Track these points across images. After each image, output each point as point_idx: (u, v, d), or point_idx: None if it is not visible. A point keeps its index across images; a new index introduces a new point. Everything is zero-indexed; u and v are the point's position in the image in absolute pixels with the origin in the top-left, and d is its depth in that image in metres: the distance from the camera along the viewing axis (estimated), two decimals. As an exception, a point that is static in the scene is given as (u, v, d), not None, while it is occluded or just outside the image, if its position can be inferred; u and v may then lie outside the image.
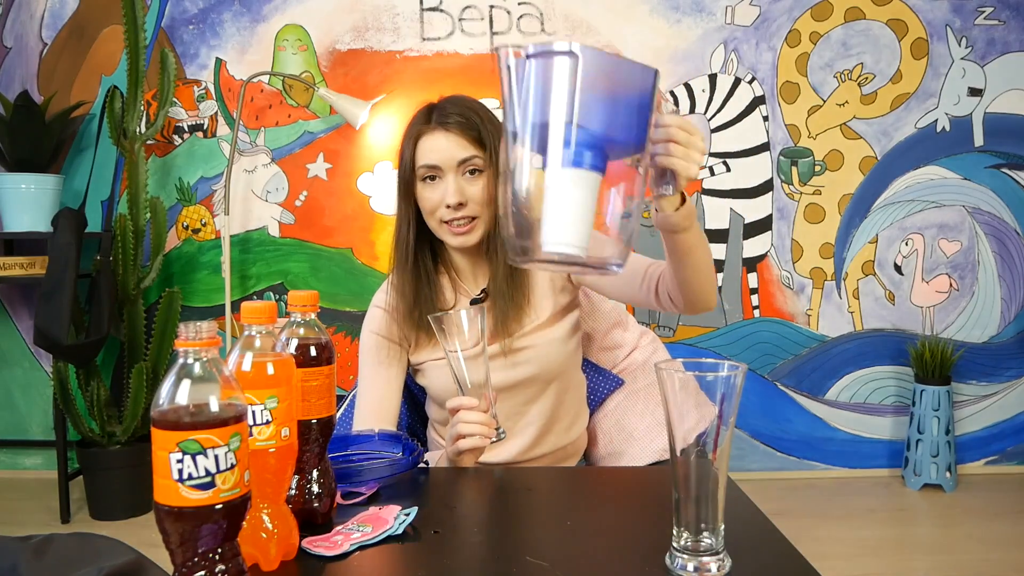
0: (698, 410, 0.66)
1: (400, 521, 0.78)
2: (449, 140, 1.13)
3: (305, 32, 2.68)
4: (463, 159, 1.13)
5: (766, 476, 2.77)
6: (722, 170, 2.71)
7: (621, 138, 0.78)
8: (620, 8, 2.66)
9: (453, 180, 1.12)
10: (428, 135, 1.15)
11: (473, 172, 1.14)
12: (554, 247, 0.76)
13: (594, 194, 0.77)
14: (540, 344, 1.18)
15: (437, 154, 1.13)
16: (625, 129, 0.78)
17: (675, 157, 0.88)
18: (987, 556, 2.12)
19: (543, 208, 0.77)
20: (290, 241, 2.73)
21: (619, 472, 1.15)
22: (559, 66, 0.74)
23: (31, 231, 2.48)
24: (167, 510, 0.56)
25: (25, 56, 2.70)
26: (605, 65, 0.76)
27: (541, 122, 0.76)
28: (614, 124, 0.76)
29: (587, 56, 0.74)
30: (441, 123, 1.14)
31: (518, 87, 0.77)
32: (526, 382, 1.19)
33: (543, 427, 1.22)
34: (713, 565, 0.66)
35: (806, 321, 2.76)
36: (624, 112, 0.77)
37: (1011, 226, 2.74)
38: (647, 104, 0.80)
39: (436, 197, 1.13)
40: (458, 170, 1.13)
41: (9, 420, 2.79)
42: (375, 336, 1.23)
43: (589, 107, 0.74)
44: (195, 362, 0.57)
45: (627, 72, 0.78)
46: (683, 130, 0.89)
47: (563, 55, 0.74)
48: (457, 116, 1.14)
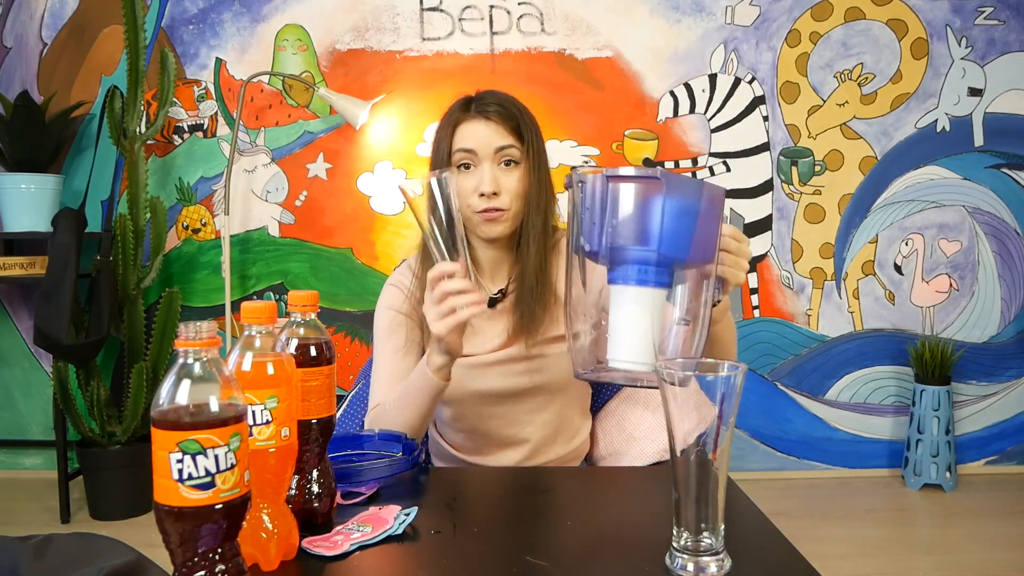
0: (698, 411, 0.66)
1: (400, 521, 0.78)
2: (488, 127, 1.12)
3: (305, 32, 2.68)
4: (500, 147, 1.12)
5: (766, 476, 2.77)
6: (722, 170, 2.71)
7: (692, 257, 0.81)
8: (620, 8, 2.66)
9: (489, 168, 1.12)
10: (467, 122, 1.14)
11: (509, 163, 1.13)
12: (621, 364, 0.80)
13: (659, 309, 0.81)
14: (553, 355, 1.17)
15: (475, 140, 1.12)
16: (696, 248, 0.81)
17: (726, 265, 0.92)
18: (987, 556, 2.12)
19: (610, 323, 0.81)
20: (290, 241, 2.73)
21: (619, 472, 1.15)
22: (641, 192, 0.78)
23: (31, 231, 2.48)
24: (167, 510, 0.56)
25: (25, 56, 2.70)
26: (684, 190, 0.79)
27: (614, 242, 0.79)
28: (687, 245, 0.80)
29: (669, 182, 0.77)
30: (480, 111, 1.13)
31: (592, 205, 0.80)
32: (534, 390, 1.18)
33: (547, 437, 1.21)
34: (713, 565, 0.66)
35: (806, 321, 2.76)
36: (697, 233, 0.81)
37: (1011, 226, 2.74)
38: (717, 224, 0.84)
39: (471, 185, 1.12)
40: (494, 158, 1.12)
41: (9, 420, 2.79)
42: (391, 312, 1.21)
43: (665, 229, 0.77)
44: (195, 362, 0.57)
45: (704, 197, 0.81)
46: (734, 239, 0.92)
47: (649, 180, 0.77)
48: (496, 106, 1.14)
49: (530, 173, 1.14)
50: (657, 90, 2.69)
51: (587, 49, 2.67)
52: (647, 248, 0.78)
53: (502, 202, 1.12)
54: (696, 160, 2.70)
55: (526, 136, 1.14)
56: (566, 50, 2.68)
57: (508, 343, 1.17)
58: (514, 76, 2.67)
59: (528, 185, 1.14)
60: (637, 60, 2.68)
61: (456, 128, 1.14)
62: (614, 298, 0.82)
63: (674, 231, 0.77)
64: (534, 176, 1.15)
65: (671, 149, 2.70)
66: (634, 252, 0.79)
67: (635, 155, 2.70)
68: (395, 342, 1.19)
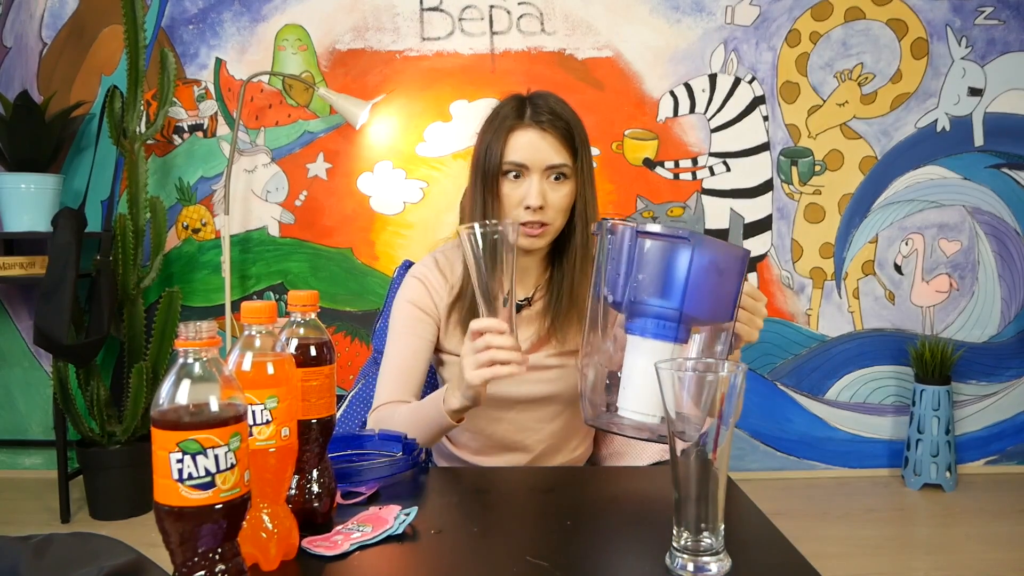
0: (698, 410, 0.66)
1: (400, 521, 0.78)
2: (544, 140, 1.10)
3: (305, 32, 2.68)
4: (553, 164, 1.10)
5: (766, 476, 2.77)
6: (722, 170, 2.71)
7: (712, 316, 0.83)
8: (620, 8, 2.66)
9: (537, 182, 1.09)
10: (521, 130, 1.10)
11: (559, 178, 1.11)
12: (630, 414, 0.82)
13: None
14: (571, 367, 1.17)
15: (529, 152, 1.09)
16: (716, 308, 0.83)
17: (741, 322, 0.93)
18: (987, 556, 2.12)
19: (624, 371, 0.83)
20: (290, 241, 2.73)
21: (619, 472, 1.15)
22: (669, 250, 0.80)
23: (31, 231, 2.48)
24: (167, 510, 0.56)
25: (25, 56, 2.70)
26: (710, 250, 0.81)
27: (636, 296, 0.81)
28: (708, 304, 0.81)
29: (697, 242, 0.79)
30: (536, 121, 1.10)
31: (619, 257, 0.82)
32: (547, 400, 1.18)
33: (553, 446, 1.21)
34: (713, 565, 0.66)
35: (806, 321, 2.76)
36: (719, 294, 0.82)
37: (1011, 226, 2.74)
38: (738, 286, 0.85)
39: (517, 196, 1.10)
40: (544, 173, 1.10)
41: (9, 420, 2.79)
42: (409, 305, 1.18)
43: (688, 288, 0.79)
44: (195, 362, 0.57)
45: (728, 259, 0.83)
46: (752, 297, 0.94)
47: (677, 239, 0.79)
48: (551, 116, 1.11)
49: (579, 189, 1.13)
50: (657, 90, 2.69)
51: (587, 49, 2.67)
52: (668, 304, 0.80)
53: (547, 216, 1.10)
54: (696, 160, 2.70)
55: (579, 152, 1.12)
56: (566, 50, 2.67)
57: (530, 351, 1.16)
58: (514, 76, 2.67)
59: (574, 201, 1.13)
60: (637, 60, 2.68)
61: (510, 135, 1.10)
62: (630, 347, 0.84)
63: (696, 290, 0.79)
64: (583, 192, 1.13)
65: (671, 149, 2.70)
66: (655, 307, 0.81)
67: (635, 155, 2.70)
68: (411, 340, 1.17)
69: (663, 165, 2.70)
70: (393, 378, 1.16)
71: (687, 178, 2.71)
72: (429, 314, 1.18)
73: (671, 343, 0.81)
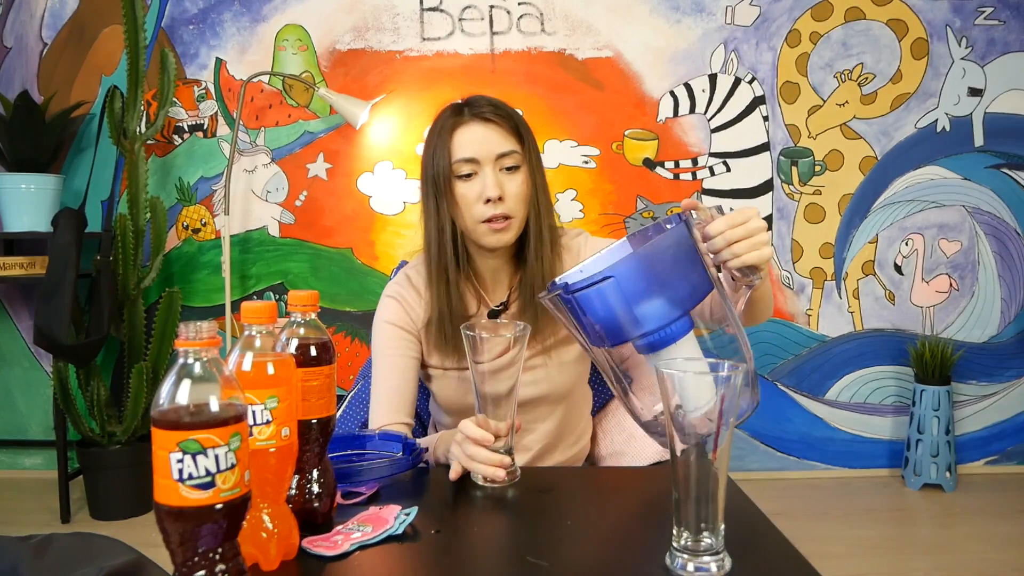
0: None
1: (400, 521, 0.78)
2: (488, 130, 1.09)
3: (305, 32, 2.68)
4: (503, 152, 1.09)
5: (766, 476, 2.77)
6: (722, 170, 2.71)
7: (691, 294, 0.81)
8: (620, 8, 2.66)
9: (491, 173, 1.08)
10: (464, 127, 1.10)
11: (511, 169, 1.10)
12: (694, 413, 0.81)
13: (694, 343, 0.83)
14: (552, 365, 1.16)
15: (476, 145, 1.08)
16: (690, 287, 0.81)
17: (745, 254, 0.87)
18: (987, 556, 2.12)
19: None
20: (290, 241, 2.73)
21: (619, 472, 1.15)
22: (599, 294, 0.78)
23: (31, 231, 2.48)
24: (167, 510, 0.56)
25: (25, 56, 2.70)
26: (642, 261, 0.79)
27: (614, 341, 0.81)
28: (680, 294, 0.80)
29: (621, 271, 0.77)
30: (477, 115, 1.10)
31: (581, 319, 0.81)
32: (535, 401, 1.18)
33: (549, 445, 1.21)
34: (713, 565, 0.66)
35: (806, 321, 2.76)
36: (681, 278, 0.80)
37: (1011, 226, 2.74)
38: (691, 254, 0.82)
39: (474, 193, 1.09)
40: (496, 164, 1.09)
41: (9, 420, 2.79)
42: (389, 326, 1.17)
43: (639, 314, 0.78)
44: (195, 362, 0.57)
45: (663, 248, 0.81)
46: (736, 225, 0.87)
47: (599, 282, 0.78)
48: (492, 108, 1.10)
49: (532, 176, 1.12)
50: (657, 90, 2.69)
51: (587, 49, 2.67)
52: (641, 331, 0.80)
53: (508, 208, 1.09)
54: (696, 160, 2.70)
55: (525, 138, 1.11)
56: (566, 50, 2.67)
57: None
58: (514, 76, 2.67)
59: (530, 188, 1.12)
60: (637, 60, 2.68)
61: (453, 135, 1.10)
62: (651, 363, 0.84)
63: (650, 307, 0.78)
64: (533, 179, 1.12)
65: (671, 149, 2.70)
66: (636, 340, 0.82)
67: (635, 155, 2.70)
68: (397, 360, 1.16)
69: (663, 165, 2.70)
70: (385, 401, 1.14)
71: (687, 178, 2.71)
72: (410, 332, 1.17)
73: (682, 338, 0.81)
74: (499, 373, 0.93)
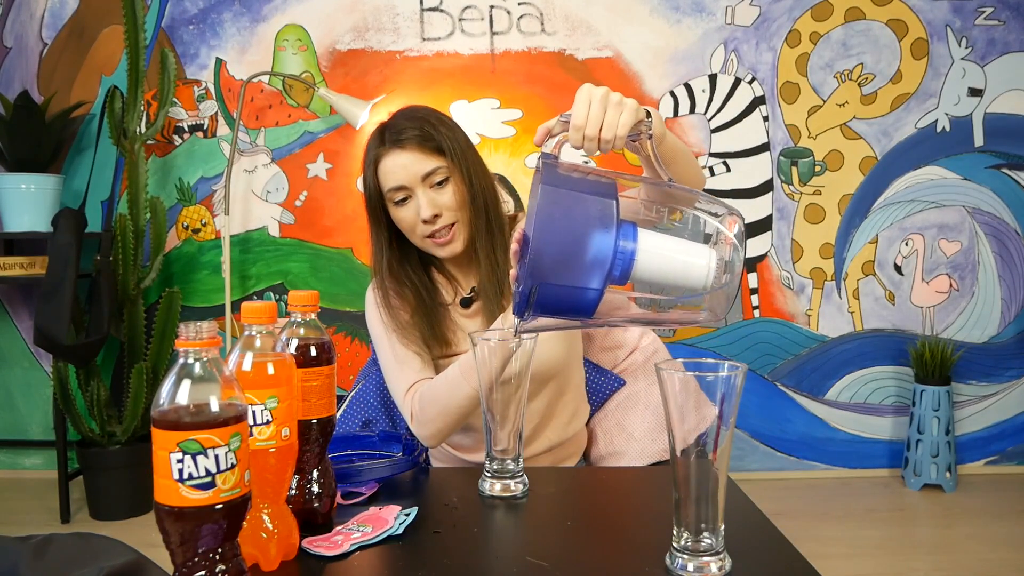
0: (698, 411, 0.66)
1: (400, 521, 0.78)
2: (409, 157, 1.12)
3: (305, 32, 2.68)
4: (427, 173, 1.12)
5: (766, 476, 2.77)
6: (722, 170, 2.71)
7: (603, 211, 0.74)
8: (620, 8, 2.66)
9: (423, 194, 1.12)
10: (386, 157, 1.13)
11: (440, 183, 1.13)
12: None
13: (654, 236, 0.75)
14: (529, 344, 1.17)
15: (400, 172, 1.12)
16: (600, 207, 0.74)
17: (618, 128, 0.82)
18: (987, 556, 2.12)
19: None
20: (290, 241, 2.73)
21: (619, 472, 1.15)
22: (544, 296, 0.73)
23: (31, 231, 2.48)
24: (167, 510, 0.56)
25: (25, 56, 2.70)
26: (543, 240, 0.73)
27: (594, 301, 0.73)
28: (595, 223, 0.73)
29: (534, 264, 0.71)
30: (395, 142, 1.12)
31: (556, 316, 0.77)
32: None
33: (539, 424, 1.21)
34: (713, 565, 0.66)
35: (806, 321, 2.76)
36: (585, 211, 0.74)
37: (1011, 226, 2.74)
38: (575, 185, 0.77)
39: (411, 216, 1.13)
40: (424, 184, 1.12)
41: (9, 420, 2.79)
42: (383, 308, 1.22)
43: (578, 258, 0.72)
44: (195, 362, 0.57)
45: (549, 213, 0.74)
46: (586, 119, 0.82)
47: (532, 296, 0.72)
48: (410, 130, 1.12)
49: (462, 181, 1.14)
50: (657, 90, 2.69)
51: (587, 49, 2.67)
52: (599, 281, 0.72)
53: (446, 219, 1.13)
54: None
55: (447, 148, 1.12)
56: (566, 50, 2.68)
57: None
58: (514, 76, 2.67)
59: (465, 193, 1.14)
60: (637, 60, 2.68)
61: (378, 166, 1.14)
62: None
63: (586, 259, 0.72)
64: (467, 183, 1.14)
65: (671, 149, 2.70)
66: (607, 286, 0.73)
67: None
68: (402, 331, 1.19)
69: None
70: (406, 361, 1.16)
71: (687, 178, 2.71)
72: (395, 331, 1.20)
73: (636, 244, 0.74)
74: (505, 385, 0.93)
